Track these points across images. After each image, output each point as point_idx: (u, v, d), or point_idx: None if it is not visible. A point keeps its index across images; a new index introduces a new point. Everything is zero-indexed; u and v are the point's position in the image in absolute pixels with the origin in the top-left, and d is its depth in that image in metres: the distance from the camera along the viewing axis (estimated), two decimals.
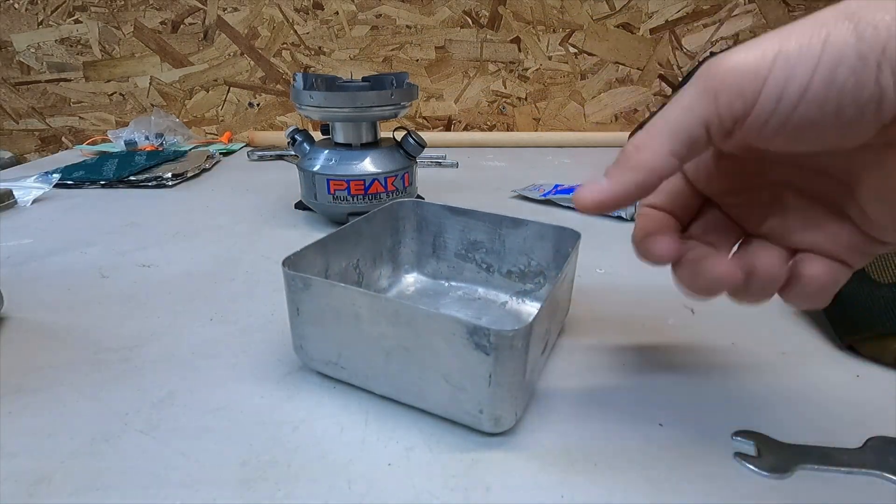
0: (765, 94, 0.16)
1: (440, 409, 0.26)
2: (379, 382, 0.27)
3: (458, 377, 0.24)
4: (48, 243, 0.49)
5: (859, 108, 0.15)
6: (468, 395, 0.24)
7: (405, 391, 0.27)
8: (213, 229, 0.53)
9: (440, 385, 0.25)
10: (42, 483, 0.23)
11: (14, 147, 1.02)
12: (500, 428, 0.25)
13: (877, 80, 0.15)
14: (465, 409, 0.25)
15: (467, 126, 1.04)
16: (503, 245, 0.37)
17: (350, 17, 0.96)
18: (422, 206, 0.39)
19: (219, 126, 1.03)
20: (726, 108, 0.17)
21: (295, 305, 0.28)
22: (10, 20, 0.94)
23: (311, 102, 0.48)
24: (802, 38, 0.16)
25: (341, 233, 0.34)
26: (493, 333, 0.22)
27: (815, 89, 0.15)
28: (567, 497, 0.22)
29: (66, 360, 0.31)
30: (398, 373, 0.26)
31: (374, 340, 0.26)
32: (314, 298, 0.27)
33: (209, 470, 0.23)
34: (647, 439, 0.25)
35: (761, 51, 0.16)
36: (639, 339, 0.34)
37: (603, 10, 0.95)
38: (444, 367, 0.24)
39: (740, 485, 0.23)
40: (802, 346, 0.33)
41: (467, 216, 0.38)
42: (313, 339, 0.28)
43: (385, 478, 0.23)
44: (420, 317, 0.24)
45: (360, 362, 0.27)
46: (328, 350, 0.28)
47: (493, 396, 0.24)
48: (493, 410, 0.24)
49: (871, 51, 0.15)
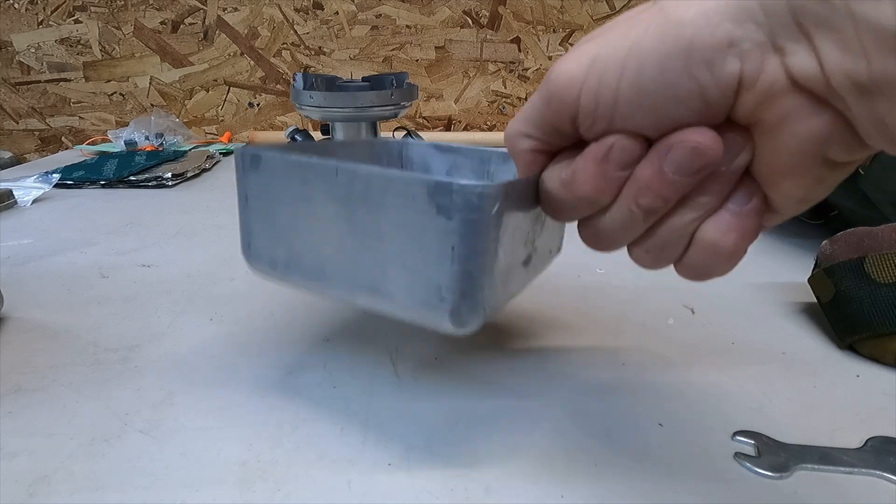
0: (582, 100, 0.17)
1: (396, 306, 0.22)
2: (331, 279, 0.24)
3: (417, 257, 0.20)
4: (48, 243, 0.49)
5: (682, 103, 0.16)
6: (427, 279, 0.20)
7: (358, 287, 0.23)
8: (213, 229, 0.53)
9: (397, 272, 0.21)
10: (42, 483, 0.23)
11: (14, 147, 1.02)
12: (463, 326, 0.21)
13: (691, 75, 0.15)
14: (423, 299, 0.21)
15: (467, 126, 1.04)
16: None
17: (350, 17, 0.96)
18: (407, 145, 0.37)
19: (219, 126, 1.03)
20: (557, 113, 0.18)
21: (244, 192, 0.25)
22: (10, 20, 0.94)
23: (311, 102, 0.48)
24: (614, 41, 0.17)
25: (312, 145, 0.30)
26: (457, 188, 0.19)
27: (625, 92, 0.16)
28: (567, 497, 0.22)
29: (66, 360, 0.31)
30: (352, 264, 0.23)
31: (326, 224, 0.23)
32: (263, 179, 0.24)
33: (209, 470, 0.23)
34: (647, 439, 0.25)
35: (581, 57, 0.17)
36: (639, 339, 0.34)
37: (603, 10, 0.95)
38: (401, 246, 0.21)
39: (740, 485, 0.23)
40: (802, 346, 0.33)
41: (455, 153, 0.35)
42: (262, 234, 0.25)
43: (385, 478, 0.23)
44: (376, 181, 0.21)
45: (311, 257, 0.24)
46: (278, 246, 0.25)
47: (455, 276, 0.20)
48: (457, 298, 0.20)
49: (675, 49, 0.15)
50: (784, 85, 0.15)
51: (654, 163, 0.17)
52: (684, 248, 0.19)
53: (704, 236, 0.18)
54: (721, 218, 0.18)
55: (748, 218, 0.18)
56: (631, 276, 0.42)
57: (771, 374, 0.30)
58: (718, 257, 0.18)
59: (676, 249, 0.19)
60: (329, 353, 0.32)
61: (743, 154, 0.17)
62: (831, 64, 0.14)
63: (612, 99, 0.17)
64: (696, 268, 0.19)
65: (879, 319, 0.29)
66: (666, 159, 0.17)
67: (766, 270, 0.43)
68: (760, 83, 0.15)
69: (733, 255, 0.18)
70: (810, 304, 0.37)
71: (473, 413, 0.27)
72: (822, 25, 0.14)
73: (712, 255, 0.18)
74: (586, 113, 0.17)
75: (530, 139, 0.20)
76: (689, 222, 0.18)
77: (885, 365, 0.30)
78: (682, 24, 0.15)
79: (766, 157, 0.17)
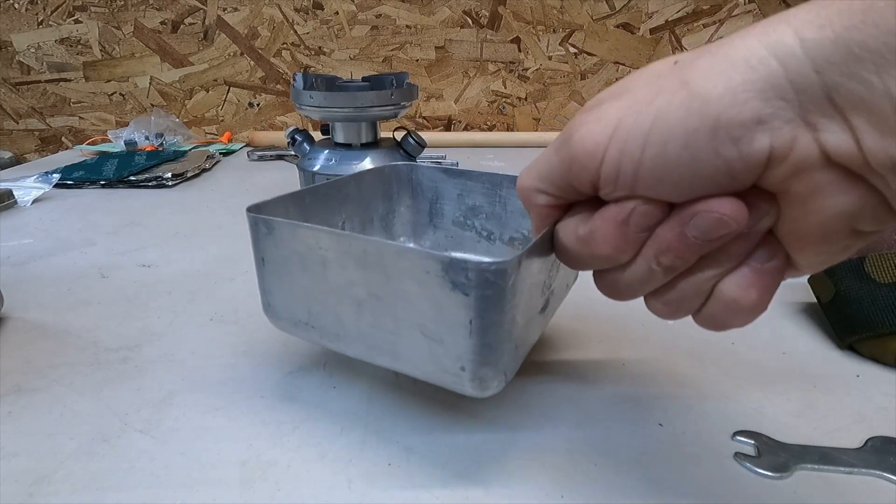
0: (604, 169, 0.17)
1: (417, 370, 0.23)
2: (350, 342, 0.24)
3: (435, 327, 0.21)
4: (48, 243, 0.49)
5: (707, 178, 0.15)
6: (447, 349, 0.21)
7: (379, 350, 0.23)
8: (213, 229, 0.53)
9: (416, 339, 0.22)
10: (42, 483, 0.23)
11: (14, 147, 1.02)
12: (485, 391, 0.21)
13: (717, 153, 0.15)
14: (444, 367, 0.21)
15: (467, 126, 1.04)
16: (504, 208, 0.35)
17: (350, 17, 0.96)
18: (416, 169, 0.37)
19: (219, 126, 1.03)
20: (577, 177, 0.18)
21: (260, 254, 0.25)
22: (10, 20, 0.94)
23: (311, 102, 0.48)
24: (638, 106, 0.16)
25: (320, 187, 0.31)
26: (472, 267, 0.19)
27: (649, 164, 0.16)
28: (567, 497, 0.22)
29: (66, 360, 0.31)
30: (370, 328, 0.23)
31: (343, 290, 0.23)
32: (278, 243, 0.24)
33: (209, 470, 0.23)
34: (647, 439, 0.25)
35: (604, 123, 0.17)
36: (639, 339, 0.34)
37: (603, 10, 0.95)
38: (419, 315, 0.21)
39: (740, 485, 0.23)
40: (802, 346, 0.33)
41: (465, 177, 0.36)
42: (281, 295, 0.25)
43: (385, 478, 0.23)
44: (389, 254, 0.21)
45: (330, 318, 0.24)
46: (297, 307, 0.25)
47: (475, 349, 0.20)
48: (476, 368, 0.21)
49: (701, 125, 0.15)
50: (817, 160, 0.15)
51: (676, 226, 0.17)
52: (703, 302, 0.19)
53: (724, 292, 0.18)
54: (742, 274, 0.18)
55: (769, 275, 0.18)
56: None
57: (771, 374, 0.30)
58: (738, 312, 0.18)
59: (695, 303, 0.19)
60: (329, 353, 0.32)
61: (767, 219, 0.17)
62: (870, 144, 0.14)
63: (635, 170, 0.16)
64: (714, 320, 0.19)
65: (879, 319, 0.29)
66: (689, 225, 0.17)
67: None
68: (792, 158, 0.15)
69: (753, 310, 0.18)
70: (810, 304, 0.37)
71: (473, 413, 0.27)
72: (858, 105, 0.13)
73: (732, 310, 0.18)
74: (607, 181, 0.17)
75: (546, 195, 0.20)
76: (709, 278, 0.18)
77: (885, 365, 0.30)
78: (709, 101, 0.15)
79: (791, 224, 0.17)
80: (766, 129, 0.14)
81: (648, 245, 0.18)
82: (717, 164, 0.15)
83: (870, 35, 0.13)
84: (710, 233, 0.16)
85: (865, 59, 0.13)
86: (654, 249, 0.18)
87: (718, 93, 0.15)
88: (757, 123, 0.14)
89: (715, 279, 0.18)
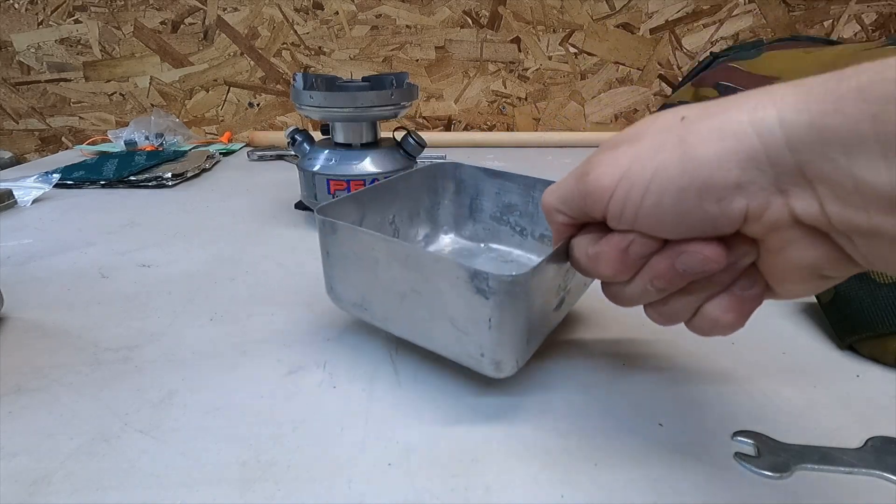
0: (610, 207, 0.20)
1: (447, 352, 0.27)
2: (396, 324, 0.29)
3: (462, 320, 0.25)
4: (48, 243, 0.49)
5: (694, 226, 0.19)
6: (471, 339, 0.25)
7: (417, 332, 0.28)
8: (213, 229, 0.53)
9: (447, 328, 0.26)
10: (42, 483, 0.23)
11: (14, 147, 1.02)
12: (500, 373, 0.26)
13: (703, 209, 0.18)
14: (468, 352, 0.26)
15: (467, 126, 1.04)
16: (536, 208, 0.39)
17: (350, 17, 0.96)
18: (461, 168, 0.41)
19: (219, 126, 1.03)
20: (590, 207, 0.21)
21: (325, 249, 0.30)
22: (10, 20, 0.94)
23: (311, 102, 0.48)
24: (643, 159, 0.19)
25: (376, 188, 0.35)
26: (492, 278, 0.23)
27: (646, 209, 0.19)
28: (567, 497, 0.22)
29: (66, 360, 0.31)
30: (411, 315, 0.28)
31: (390, 283, 0.27)
32: (340, 242, 0.29)
33: (209, 470, 0.23)
34: (647, 439, 0.25)
35: (615, 168, 0.20)
36: (639, 339, 0.34)
37: (603, 10, 0.95)
38: (450, 310, 0.25)
39: (740, 485, 0.23)
40: (802, 346, 0.33)
41: (503, 178, 0.39)
42: (341, 282, 0.30)
43: (385, 478, 0.23)
44: (427, 261, 0.26)
45: (379, 304, 0.29)
46: (353, 292, 0.30)
47: (493, 340, 0.25)
48: (494, 354, 0.25)
49: (691, 185, 0.18)
50: (787, 221, 0.17)
51: (667, 259, 0.20)
52: (692, 316, 0.22)
53: (708, 311, 0.21)
54: (723, 299, 0.21)
55: (748, 302, 0.21)
56: None
57: (771, 374, 0.30)
58: (719, 328, 0.22)
59: (685, 316, 0.22)
60: (329, 353, 0.32)
61: (747, 258, 0.20)
62: (833, 210, 0.16)
63: (635, 212, 0.19)
64: (701, 331, 0.22)
65: (879, 319, 0.29)
66: (678, 260, 0.20)
67: None
68: (765, 218, 0.18)
69: (731, 327, 0.21)
70: (810, 304, 0.37)
71: (473, 413, 0.27)
72: (824, 179, 0.16)
73: (713, 326, 0.22)
74: (613, 216, 0.20)
75: (564, 216, 0.23)
76: (696, 300, 0.22)
77: (885, 365, 0.30)
78: (700, 165, 0.17)
79: (768, 265, 0.20)
80: (744, 193, 0.17)
81: (645, 270, 0.21)
82: (703, 216, 0.18)
83: (840, 122, 0.15)
84: (694, 268, 0.20)
85: (834, 142, 0.15)
86: (650, 274, 0.21)
87: (708, 158, 0.17)
88: (736, 188, 0.17)
89: (701, 300, 0.21)
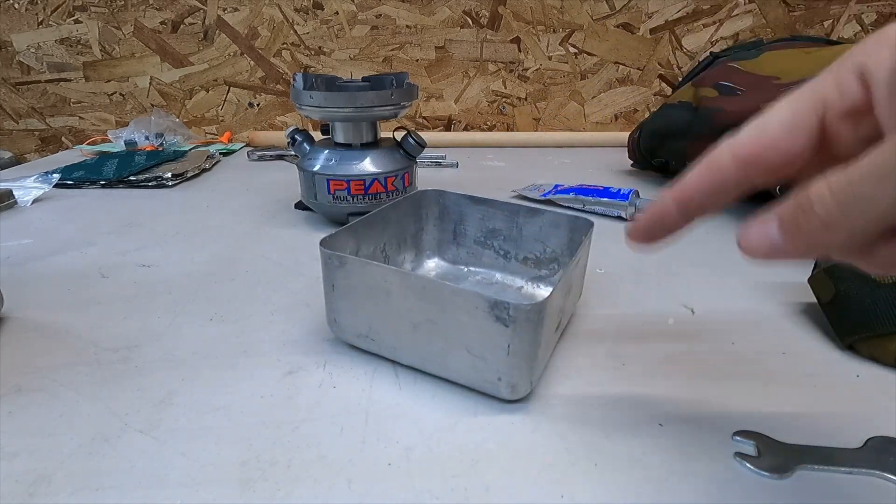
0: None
1: (462, 378, 0.28)
2: (406, 353, 0.29)
3: (479, 348, 0.26)
4: (48, 243, 0.49)
5: None
6: (488, 365, 0.26)
7: (430, 361, 0.29)
8: (213, 229, 0.53)
9: (462, 355, 0.27)
10: (42, 483, 0.23)
11: (14, 147, 1.02)
12: (516, 395, 0.27)
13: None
14: (485, 378, 0.27)
15: (467, 126, 1.04)
16: (520, 233, 0.39)
17: (350, 17, 0.96)
18: (444, 195, 0.41)
19: (219, 126, 1.03)
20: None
21: (330, 282, 0.30)
22: (10, 20, 0.94)
23: (311, 102, 0.48)
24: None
25: (371, 218, 0.36)
26: (512, 307, 0.24)
27: None
28: (567, 497, 0.22)
29: (66, 360, 0.31)
30: (424, 344, 0.28)
31: (402, 314, 0.28)
32: (348, 275, 0.29)
33: (209, 470, 0.23)
34: (647, 439, 0.25)
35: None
36: (639, 339, 0.34)
37: (603, 10, 0.95)
38: (467, 338, 0.26)
39: (740, 485, 0.23)
40: (802, 346, 0.33)
41: (487, 205, 0.40)
42: (346, 313, 0.30)
43: (385, 478, 0.23)
44: (446, 292, 0.26)
45: (388, 334, 0.29)
46: (359, 323, 0.30)
47: (510, 365, 0.26)
48: (511, 378, 0.26)
49: None
50: None
51: None
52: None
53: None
54: None
55: None
56: (631, 277, 0.42)
57: (771, 374, 0.30)
58: None
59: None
60: (329, 353, 0.32)
61: None
62: None
63: None
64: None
65: (879, 319, 0.29)
66: None
67: (766, 270, 0.43)
68: None
69: None
70: (810, 304, 0.37)
71: (473, 413, 0.27)
72: None
73: None
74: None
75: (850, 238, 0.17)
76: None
77: (885, 365, 0.30)
78: None
79: None
80: None
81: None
82: None
83: None
84: None
85: None
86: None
87: None
88: None
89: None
